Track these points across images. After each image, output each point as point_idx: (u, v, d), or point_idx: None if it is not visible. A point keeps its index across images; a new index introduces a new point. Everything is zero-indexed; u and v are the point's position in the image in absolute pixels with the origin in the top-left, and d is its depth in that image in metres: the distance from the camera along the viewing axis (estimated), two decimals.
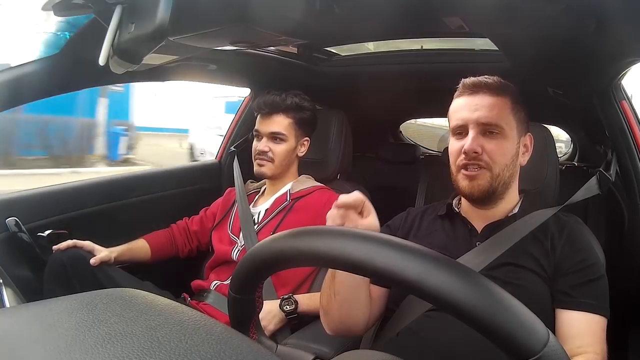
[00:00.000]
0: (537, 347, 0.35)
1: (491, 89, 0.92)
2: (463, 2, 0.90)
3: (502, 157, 0.90)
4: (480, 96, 0.92)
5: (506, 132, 0.91)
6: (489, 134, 0.90)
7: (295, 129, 1.41)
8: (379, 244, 0.40)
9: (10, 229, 1.20)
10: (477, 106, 0.91)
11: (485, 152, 0.89)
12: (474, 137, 0.90)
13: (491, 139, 0.90)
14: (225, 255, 1.36)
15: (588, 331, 0.82)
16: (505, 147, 0.91)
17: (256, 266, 0.48)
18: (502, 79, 0.95)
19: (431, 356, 0.83)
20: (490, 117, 0.90)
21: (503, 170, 0.91)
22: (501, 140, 0.91)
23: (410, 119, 2.59)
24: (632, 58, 0.99)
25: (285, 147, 1.40)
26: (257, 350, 0.33)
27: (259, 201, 1.48)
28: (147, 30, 0.68)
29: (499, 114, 0.90)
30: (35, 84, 1.06)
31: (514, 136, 0.92)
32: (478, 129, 0.90)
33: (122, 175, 1.63)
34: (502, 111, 0.91)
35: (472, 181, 0.91)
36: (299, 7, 0.84)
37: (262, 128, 1.41)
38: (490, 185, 0.90)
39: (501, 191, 0.93)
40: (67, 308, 0.37)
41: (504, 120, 0.91)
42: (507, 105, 0.92)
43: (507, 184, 0.93)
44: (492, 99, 0.91)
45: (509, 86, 0.95)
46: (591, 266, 0.87)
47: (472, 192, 0.91)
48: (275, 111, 1.39)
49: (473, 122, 0.90)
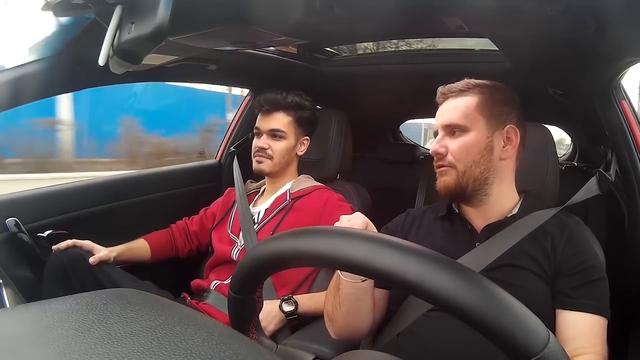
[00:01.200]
0: (537, 348, 0.35)
1: (455, 92, 0.97)
2: (463, 2, 0.90)
3: (466, 154, 0.93)
4: (447, 102, 0.98)
5: (469, 129, 0.93)
6: (452, 133, 0.95)
7: (295, 127, 1.42)
8: (379, 244, 0.40)
9: (10, 229, 1.20)
10: (444, 111, 0.97)
11: (449, 151, 0.94)
12: (438, 140, 0.96)
13: (454, 139, 0.94)
14: (225, 255, 1.36)
15: (589, 332, 0.82)
16: (468, 144, 0.93)
17: (256, 266, 0.48)
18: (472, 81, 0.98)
19: (431, 357, 0.83)
20: (451, 119, 0.95)
21: (470, 167, 0.93)
22: (464, 137, 0.93)
23: (410, 119, 2.59)
24: (631, 58, 0.99)
25: (284, 145, 1.40)
26: (257, 350, 0.33)
27: (258, 201, 1.48)
28: (147, 30, 0.68)
29: (460, 113, 0.94)
30: (35, 84, 1.06)
31: (482, 132, 0.93)
32: (444, 132, 0.96)
33: (122, 175, 1.63)
34: (465, 110, 0.94)
35: (440, 178, 0.96)
36: (299, 7, 0.84)
37: (262, 125, 1.41)
38: (458, 183, 0.93)
39: (475, 187, 0.93)
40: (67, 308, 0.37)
41: (468, 118, 0.94)
42: (471, 103, 0.95)
43: (481, 179, 0.93)
44: (455, 101, 0.96)
45: (478, 85, 0.97)
46: (591, 267, 0.87)
47: (440, 189, 0.96)
48: (276, 109, 1.40)
49: (440, 127, 0.97)
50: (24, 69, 1.05)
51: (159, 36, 0.69)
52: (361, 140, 1.87)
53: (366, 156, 2.17)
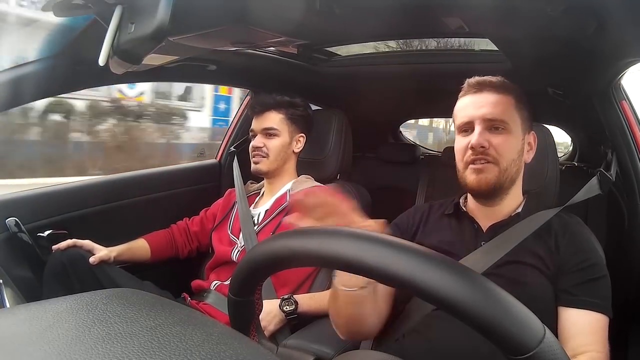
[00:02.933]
0: (532, 343, 0.34)
1: (495, 87, 0.94)
2: (463, 2, 0.90)
3: (509, 152, 0.92)
4: (484, 94, 0.94)
5: (511, 128, 0.92)
6: (494, 129, 0.92)
7: (288, 124, 1.44)
8: (374, 242, 0.40)
9: (10, 229, 1.20)
10: (482, 103, 0.93)
11: (492, 146, 0.91)
12: (480, 132, 0.91)
13: (497, 134, 0.92)
14: (225, 256, 1.36)
15: (590, 330, 0.82)
16: (511, 142, 0.92)
17: (254, 268, 0.48)
18: (505, 80, 0.97)
19: (435, 357, 0.83)
20: (496, 113, 0.92)
21: (510, 164, 0.92)
22: (507, 135, 0.92)
23: (410, 119, 2.59)
24: (631, 58, 1.00)
25: (278, 142, 1.42)
26: (257, 351, 0.33)
27: (259, 202, 1.48)
28: (147, 30, 0.68)
29: (503, 111, 0.92)
30: (35, 84, 1.06)
31: (519, 132, 0.94)
32: (484, 125, 0.92)
33: (122, 175, 1.63)
34: (507, 108, 0.93)
35: (479, 174, 0.92)
36: (299, 8, 0.84)
37: (255, 126, 1.45)
38: (498, 179, 0.92)
39: (507, 186, 0.94)
40: (67, 308, 0.37)
41: (509, 116, 0.93)
42: (510, 102, 0.94)
43: (514, 179, 0.95)
44: (496, 96, 0.93)
45: (512, 85, 0.97)
46: (593, 265, 0.87)
47: (480, 185, 0.92)
48: (267, 108, 1.43)
49: (479, 119, 0.92)
50: (24, 69, 1.05)
51: (159, 36, 0.69)
52: (361, 140, 1.86)
53: (366, 156, 2.17)
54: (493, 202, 0.96)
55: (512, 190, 0.96)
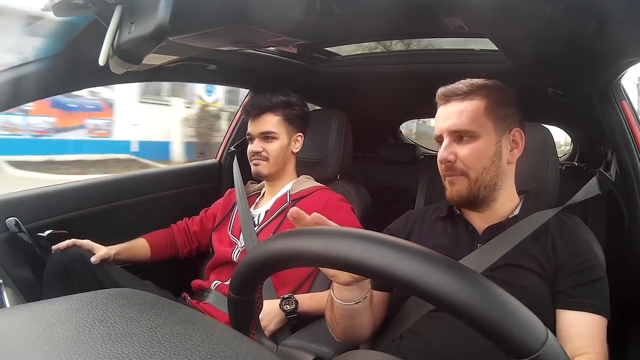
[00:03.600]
0: (535, 346, 0.35)
1: (460, 95, 0.93)
2: (463, 3, 0.90)
3: (478, 161, 0.91)
4: (451, 104, 0.94)
5: (479, 135, 0.91)
6: (461, 139, 0.92)
7: (286, 126, 1.42)
8: (375, 243, 0.40)
9: (10, 229, 1.20)
10: (448, 114, 0.93)
11: (459, 159, 0.91)
12: (445, 146, 0.92)
13: (464, 145, 0.91)
14: (226, 256, 1.36)
15: (588, 332, 0.82)
16: (479, 151, 0.91)
17: (255, 267, 0.48)
18: (476, 82, 0.95)
19: (432, 357, 0.83)
20: (459, 124, 0.91)
21: (481, 174, 0.91)
22: (474, 144, 0.91)
23: (410, 119, 2.59)
24: (631, 58, 1.00)
25: (278, 145, 1.41)
26: (257, 351, 0.33)
27: (259, 203, 1.48)
28: (147, 30, 0.68)
29: (468, 119, 0.91)
30: (35, 84, 1.06)
31: (491, 137, 0.92)
32: (451, 137, 0.92)
33: (122, 175, 1.63)
34: (473, 114, 0.91)
35: (452, 186, 0.93)
36: (299, 7, 0.84)
37: (252, 130, 1.42)
38: (470, 191, 0.91)
39: (486, 194, 0.93)
40: (67, 308, 0.37)
41: (476, 123, 0.91)
42: (479, 107, 0.92)
43: (491, 186, 0.93)
44: (461, 104, 0.92)
45: (484, 87, 0.94)
46: (591, 267, 0.87)
47: (452, 197, 0.93)
48: (263, 111, 1.41)
49: (445, 132, 0.93)
50: (24, 69, 1.05)
51: (159, 36, 0.69)
52: (361, 140, 1.86)
53: (366, 156, 2.17)
54: (479, 209, 0.96)
55: (498, 194, 0.94)
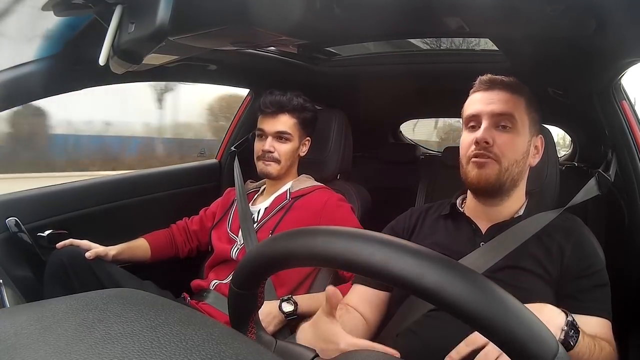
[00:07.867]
0: (547, 358, 0.35)
1: (506, 86, 0.94)
2: (463, 2, 0.90)
3: (513, 152, 0.91)
4: (495, 92, 0.94)
5: (518, 128, 0.92)
6: (501, 127, 0.92)
7: (299, 129, 1.42)
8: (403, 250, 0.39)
9: (10, 229, 1.20)
10: (492, 100, 0.93)
11: (496, 144, 0.90)
12: (486, 128, 0.91)
13: (503, 133, 0.91)
14: (225, 254, 1.36)
15: (598, 334, 0.82)
16: (516, 142, 0.92)
17: (263, 262, 0.47)
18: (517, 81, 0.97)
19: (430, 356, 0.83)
20: (506, 109, 0.91)
21: (512, 165, 0.91)
22: (513, 134, 0.92)
23: (410, 119, 2.59)
24: (631, 58, 1.00)
25: (290, 147, 1.41)
26: (257, 350, 0.33)
27: (258, 200, 1.48)
28: (147, 30, 0.68)
29: (513, 109, 0.92)
30: (35, 84, 1.06)
31: (526, 134, 0.93)
32: (491, 121, 0.92)
33: (122, 175, 1.63)
34: (516, 107, 0.92)
35: (480, 169, 0.91)
36: (299, 7, 0.83)
37: (267, 127, 1.40)
38: (498, 178, 0.91)
39: (508, 187, 0.93)
40: (67, 308, 0.37)
41: (518, 115, 0.92)
42: (521, 103, 0.93)
43: (515, 180, 0.93)
44: (507, 95, 0.93)
45: (524, 87, 0.96)
46: (599, 272, 0.87)
47: (480, 181, 0.91)
48: (281, 111, 1.39)
49: (487, 114, 0.92)
50: (24, 69, 1.05)
51: (160, 36, 0.69)
52: (361, 140, 1.86)
53: (366, 156, 2.17)
54: (493, 201, 0.95)
55: (514, 192, 0.95)
